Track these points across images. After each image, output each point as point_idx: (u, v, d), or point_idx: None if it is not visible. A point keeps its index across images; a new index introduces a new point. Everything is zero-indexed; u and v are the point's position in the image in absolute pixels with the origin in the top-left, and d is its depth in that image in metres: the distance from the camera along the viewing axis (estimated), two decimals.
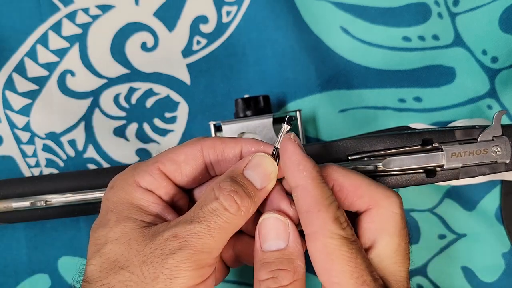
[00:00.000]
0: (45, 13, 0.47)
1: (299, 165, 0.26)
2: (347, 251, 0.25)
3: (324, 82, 0.48)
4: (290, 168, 0.27)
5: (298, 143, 0.27)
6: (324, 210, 0.25)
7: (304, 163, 0.26)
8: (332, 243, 0.25)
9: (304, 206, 0.26)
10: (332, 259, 0.25)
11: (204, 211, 0.26)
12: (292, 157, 0.27)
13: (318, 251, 0.25)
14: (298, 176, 0.26)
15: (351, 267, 0.25)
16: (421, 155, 0.32)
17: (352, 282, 0.25)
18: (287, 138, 0.27)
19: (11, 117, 0.47)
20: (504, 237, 0.46)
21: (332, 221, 0.25)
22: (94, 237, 0.27)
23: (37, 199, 0.37)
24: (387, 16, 0.47)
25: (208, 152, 0.29)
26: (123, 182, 0.28)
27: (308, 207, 0.26)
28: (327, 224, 0.25)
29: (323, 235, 0.25)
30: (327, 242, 0.25)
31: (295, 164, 0.26)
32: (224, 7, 0.48)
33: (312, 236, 0.26)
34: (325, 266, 0.25)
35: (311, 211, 0.26)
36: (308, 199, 0.26)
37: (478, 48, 0.47)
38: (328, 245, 0.25)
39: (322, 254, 0.25)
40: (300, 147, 0.27)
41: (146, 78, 0.48)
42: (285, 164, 0.27)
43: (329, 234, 0.25)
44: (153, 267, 0.24)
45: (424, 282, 0.46)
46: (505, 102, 0.47)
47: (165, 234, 0.25)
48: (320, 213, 0.25)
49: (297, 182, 0.26)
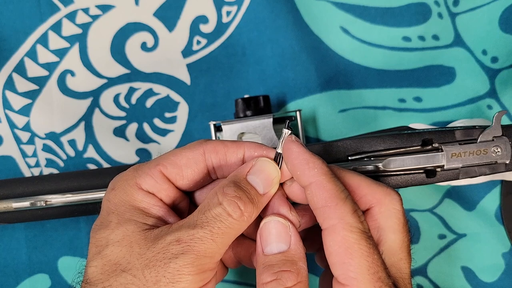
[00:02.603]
0: (45, 13, 0.47)
1: (309, 163, 0.26)
2: (365, 245, 0.25)
3: (324, 82, 0.48)
4: (300, 168, 0.27)
5: (301, 143, 0.28)
6: (342, 203, 0.25)
7: (314, 160, 0.27)
8: (351, 237, 0.25)
9: (321, 201, 0.26)
10: (351, 253, 0.25)
11: (208, 216, 0.26)
12: (300, 157, 0.27)
13: (337, 244, 0.25)
14: (310, 173, 0.26)
15: (369, 262, 0.25)
16: (421, 155, 0.32)
17: (368, 277, 0.25)
18: (290, 140, 0.28)
19: (11, 117, 0.47)
20: (504, 237, 0.46)
21: (351, 213, 0.25)
22: (95, 239, 0.27)
23: (37, 199, 0.37)
24: (387, 16, 0.47)
25: (210, 156, 0.29)
26: (125, 184, 0.28)
27: (325, 201, 0.26)
28: (346, 216, 0.25)
29: (342, 228, 0.25)
30: (346, 236, 0.25)
31: (304, 163, 0.27)
32: (224, 7, 0.48)
33: (331, 229, 0.25)
34: (343, 259, 0.25)
35: (328, 205, 0.26)
36: (324, 193, 0.26)
37: (478, 48, 0.47)
38: (347, 238, 0.25)
39: (340, 248, 0.25)
40: (304, 146, 0.27)
41: (146, 78, 0.48)
42: (294, 165, 0.27)
43: (349, 228, 0.25)
44: (155, 271, 0.24)
45: (424, 282, 0.46)
46: (505, 102, 0.47)
47: (167, 238, 0.25)
48: (338, 206, 0.25)
49: (310, 179, 0.26)
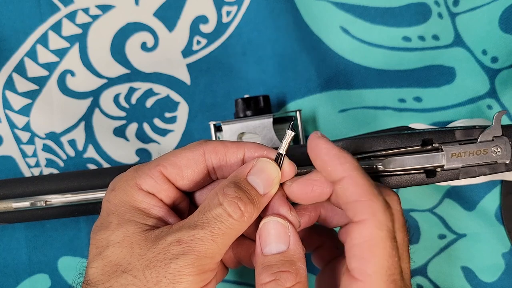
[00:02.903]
0: (45, 13, 0.47)
1: (340, 158, 0.26)
2: (390, 246, 0.25)
3: (324, 82, 0.48)
4: (331, 163, 0.27)
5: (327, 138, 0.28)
6: (375, 199, 0.25)
7: (344, 155, 0.27)
8: (379, 234, 0.25)
9: (353, 195, 0.26)
10: (374, 250, 0.25)
11: (208, 217, 0.26)
12: (330, 152, 0.27)
13: (363, 238, 0.25)
14: (341, 168, 0.26)
15: (389, 263, 0.25)
16: (421, 156, 0.32)
17: (385, 278, 0.25)
18: (316, 136, 0.27)
19: (11, 117, 0.47)
20: (504, 237, 0.46)
21: (383, 211, 0.25)
22: (95, 239, 0.27)
23: (37, 199, 0.37)
24: (387, 16, 0.47)
25: (210, 156, 0.29)
26: (125, 184, 0.28)
27: (358, 196, 0.26)
28: (378, 213, 0.25)
29: (373, 224, 0.25)
30: (375, 232, 0.25)
31: (335, 158, 0.26)
32: (224, 7, 0.48)
33: (360, 223, 0.25)
34: (364, 255, 0.25)
35: (362, 200, 0.25)
36: (358, 188, 0.26)
37: (478, 48, 0.47)
38: (375, 235, 0.25)
39: (366, 243, 0.25)
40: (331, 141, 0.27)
41: (146, 78, 0.48)
42: (324, 161, 0.27)
43: (379, 224, 0.25)
44: (156, 271, 0.24)
45: (424, 282, 0.46)
46: (505, 102, 0.47)
47: (168, 238, 0.25)
48: (371, 201, 0.25)
49: (342, 174, 0.26)
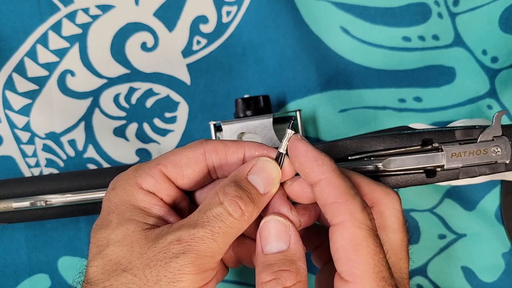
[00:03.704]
0: (45, 13, 0.47)
1: (317, 160, 0.26)
2: (372, 243, 0.25)
3: (324, 82, 0.48)
4: (308, 165, 0.27)
5: (307, 140, 0.28)
6: (352, 200, 0.25)
7: (322, 157, 0.27)
8: (360, 234, 0.25)
9: (330, 197, 0.26)
10: (358, 250, 0.25)
11: (208, 216, 0.26)
12: (308, 154, 0.27)
13: (345, 240, 0.25)
14: (319, 171, 0.26)
15: (375, 260, 0.25)
16: (421, 155, 0.32)
17: (373, 276, 0.24)
18: (296, 139, 0.28)
19: (11, 117, 0.47)
20: (504, 237, 0.46)
21: (361, 210, 0.25)
22: (95, 238, 0.27)
23: (37, 199, 0.37)
24: (387, 16, 0.47)
25: (210, 155, 0.29)
26: (125, 183, 0.28)
27: (334, 197, 0.26)
28: (356, 213, 0.25)
29: (352, 225, 0.25)
30: (355, 232, 0.25)
31: (313, 160, 0.27)
32: (224, 7, 0.48)
33: (340, 225, 0.25)
34: (349, 256, 0.25)
35: (338, 201, 0.26)
36: (334, 190, 0.26)
37: (478, 48, 0.47)
38: (355, 235, 0.25)
39: (348, 244, 0.25)
40: (311, 144, 0.27)
41: (146, 78, 0.48)
42: (302, 163, 0.27)
43: (358, 224, 0.25)
44: (156, 270, 0.24)
45: (424, 282, 0.46)
46: (505, 102, 0.47)
47: (168, 237, 0.25)
48: (347, 202, 0.25)
49: (319, 176, 0.26)
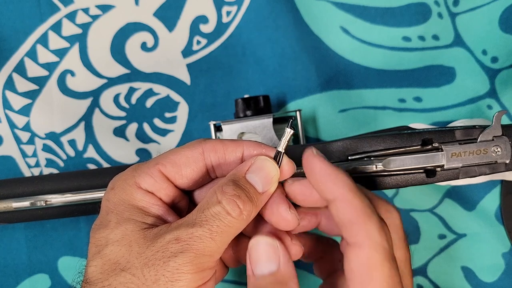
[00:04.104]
0: (45, 13, 0.47)
1: (334, 177, 0.26)
2: (388, 267, 0.25)
3: (324, 82, 0.48)
4: (325, 183, 0.26)
5: (323, 156, 0.27)
6: (369, 220, 0.25)
7: (338, 174, 0.26)
8: (376, 257, 0.25)
9: (347, 216, 0.26)
10: (372, 273, 0.24)
11: (206, 215, 0.26)
12: (324, 171, 0.27)
13: (360, 261, 0.25)
14: (335, 189, 0.26)
15: (389, 284, 0.24)
16: (421, 155, 0.32)
17: None
18: (311, 154, 0.27)
19: (11, 117, 0.47)
20: (504, 237, 0.46)
21: (378, 231, 0.25)
22: (94, 238, 0.27)
23: (37, 199, 0.37)
24: (387, 16, 0.47)
25: (209, 155, 0.29)
26: (124, 183, 0.28)
27: (352, 217, 0.25)
28: (373, 234, 0.25)
29: (368, 246, 0.25)
30: (371, 255, 0.24)
31: (329, 177, 0.26)
32: (224, 7, 0.48)
33: (356, 246, 0.25)
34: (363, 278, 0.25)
35: (355, 222, 0.25)
36: (351, 209, 0.25)
37: (478, 48, 0.47)
38: (372, 258, 0.24)
39: (363, 266, 0.25)
40: (326, 159, 0.27)
41: (146, 78, 0.48)
42: (317, 180, 0.27)
43: (374, 246, 0.25)
44: (154, 270, 0.24)
45: (424, 282, 0.46)
46: (505, 102, 0.47)
47: (166, 236, 0.25)
48: (365, 223, 0.25)
49: (335, 194, 0.26)
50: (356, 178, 0.33)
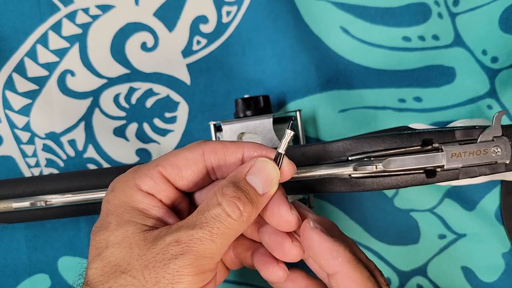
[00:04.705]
0: (45, 13, 0.47)
1: (332, 252, 0.27)
2: None
3: (324, 82, 0.48)
4: (324, 257, 0.27)
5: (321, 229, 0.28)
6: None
7: (337, 248, 0.27)
8: None
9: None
10: None
11: (207, 217, 0.26)
12: (322, 245, 0.27)
13: None
14: (334, 263, 0.27)
15: None
16: (421, 156, 0.32)
17: None
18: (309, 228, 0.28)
19: (11, 117, 0.47)
20: (504, 237, 0.46)
21: None
22: (95, 240, 0.27)
23: (37, 199, 0.37)
24: (387, 16, 0.47)
25: (209, 156, 0.29)
26: (124, 185, 0.28)
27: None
28: None
29: None
30: None
31: (328, 252, 0.27)
32: (224, 7, 0.48)
33: None
34: None
35: None
36: (351, 283, 0.26)
37: (478, 48, 0.47)
38: None
39: None
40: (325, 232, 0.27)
41: (146, 78, 0.48)
42: (316, 254, 0.27)
43: None
44: (154, 272, 0.24)
45: (424, 282, 0.46)
46: (505, 102, 0.47)
47: (167, 238, 0.25)
48: None
49: (334, 269, 0.27)
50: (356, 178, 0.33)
